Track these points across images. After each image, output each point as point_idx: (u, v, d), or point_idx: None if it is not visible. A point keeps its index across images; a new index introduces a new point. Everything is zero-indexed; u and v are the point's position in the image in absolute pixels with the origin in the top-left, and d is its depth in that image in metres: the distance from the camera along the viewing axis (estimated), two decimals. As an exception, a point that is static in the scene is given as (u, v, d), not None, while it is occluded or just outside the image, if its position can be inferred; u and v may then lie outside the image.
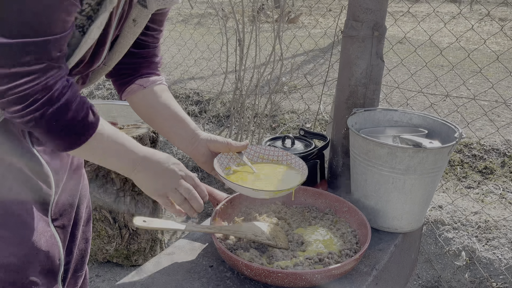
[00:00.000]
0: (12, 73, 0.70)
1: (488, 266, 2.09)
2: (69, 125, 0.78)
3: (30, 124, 0.76)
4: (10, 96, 0.72)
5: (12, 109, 0.74)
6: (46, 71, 0.74)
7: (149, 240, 2.27)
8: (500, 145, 3.00)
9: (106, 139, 0.84)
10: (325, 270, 0.93)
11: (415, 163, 1.09)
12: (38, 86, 0.73)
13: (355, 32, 1.29)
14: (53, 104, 0.76)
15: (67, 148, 0.81)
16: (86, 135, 0.80)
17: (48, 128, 0.77)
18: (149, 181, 0.91)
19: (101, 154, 0.86)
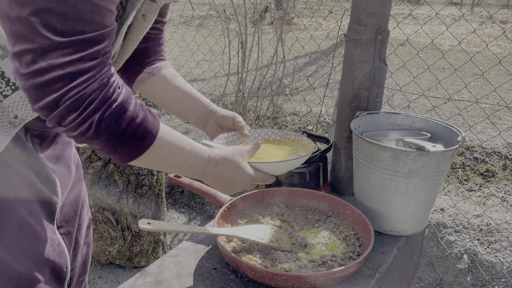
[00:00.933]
0: (67, 74, 0.63)
1: (490, 269, 2.09)
2: (130, 128, 0.70)
3: (89, 132, 0.67)
4: (66, 101, 0.64)
5: (68, 119, 0.66)
6: (101, 68, 0.67)
7: (152, 242, 2.28)
8: (502, 148, 3.00)
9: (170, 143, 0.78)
10: (329, 273, 0.93)
11: (418, 166, 1.10)
12: (94, 84, 0.66)
13: (358, 36, 1.29)
14: (110, 103, 0.68)
15: (131, 155, 0.73)
16: (150, 138, 0.73)
17: (108, 134, 0.69)
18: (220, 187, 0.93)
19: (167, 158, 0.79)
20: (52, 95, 0.64)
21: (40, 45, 0.61)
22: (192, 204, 2.95)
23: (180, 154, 0.81)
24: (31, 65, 0.62)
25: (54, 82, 0.63)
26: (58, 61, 0.62)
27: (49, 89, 0.64)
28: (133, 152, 0.73)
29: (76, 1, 0.61)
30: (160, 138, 0.75)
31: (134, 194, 2.14)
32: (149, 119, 0.74)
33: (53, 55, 0.62)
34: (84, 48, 0.64)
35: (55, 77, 0.63)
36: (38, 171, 0.83)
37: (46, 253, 0.84)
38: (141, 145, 0.73)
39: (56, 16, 0.60)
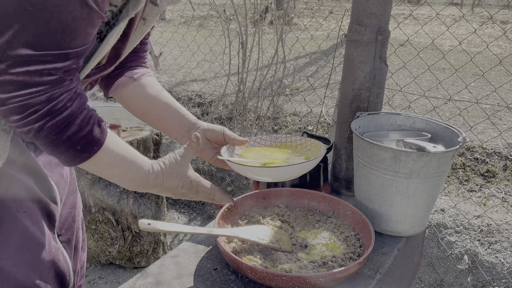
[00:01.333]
0: (19, 81, 0.66)
1: (490, 270, 2.09)
2: (71, 140, 0.73)
3: (29, 135, 0.71)
4: (11, 104, 0.67)
5: (11, 118, 0.70)
6: (56, 84, 0.69)
7: (152, 242, 2.28)
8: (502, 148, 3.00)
9: (111, 155, 0.79)
10: (329, 273, 0.93)
11: (418, 167, 1.10)
12: (43, 97, 0.69)
13: (359, 37, 1.29)
14: (54, 117, 0.70)
15: (69, 163, 0.76)
16: (89, 151, 0.75)
17: (47, 141, 0.72)
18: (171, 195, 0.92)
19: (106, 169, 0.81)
20: (1, 95, 0.67)
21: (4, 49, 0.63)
22: (192, 205, 2.95)
23: (120, 166, 0.81)
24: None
25: (6, 84, 0.66)
26: (15, 70, 0.65)
27: (1, 89, 0.67)
28: (71, 161, 0.75)
29: (49, 19, 0.63)
30: (102, 151, 0.77)
31: (134, 194, 2.14)
32: (94, 133, 0.75)
33: (13, 61, 0.64)
34: (43, 63, 0.66)
35: (8, 81, 0.65)
36: (37, 179, 0.82)
37: (51, 263, 0.83)
38: (79, 156, 0.75)
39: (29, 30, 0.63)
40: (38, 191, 0.82)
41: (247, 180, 2.96)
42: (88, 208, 2.11)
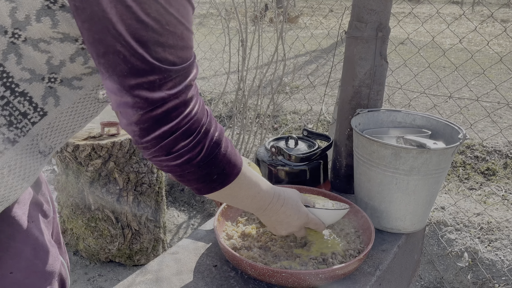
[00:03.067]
0: (182, 102, 0.64)
1: (490, 268, 2.09)
2: (226, 155, 0.72)
3: (196, 159, 0.68)
4: (182, 127, 0.65)
5: (180, 145, 0.66)
6: (197, 92, 0.68)
7: (152, 240, 2.28)
8: (503, 146, 3.00)
9: (249, 174, 0.80)
10: (329, 270, 0.93)
11: (419, 164, 1.10)
12: (203, 109, 0.68)
13: (359, 33, 1.29)
14: (215, 129, 0.70)
15: (221, 183, 0.74)
16: (239, 164, 0.76)
17: (212, 159, 0.70)
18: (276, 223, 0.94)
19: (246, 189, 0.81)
20: (169, 124, 0.64)
21: (159, 77, 0.62)
22: (192, 202, 2.95)
23: (256, 186, 0.83)
24: (149, 97, 0.62)
25: (171, 112, 0.64)
26: (173, 91, 0.63)
27: (167, 119, 0.64)
28: (224, 180, 0.75)
29: (182, 31, 0.63)
30: (244, 167, 0.78)
31: (134, 192, 2.14)
32: (235, 150, 0.77)
33: (169, 85, 0.63)
34: (187, 74, 0.65)
35: (172, 107, 0.64)
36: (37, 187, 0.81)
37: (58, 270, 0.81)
38: (232, 172, 0.75)
39: (168, 48, 0.62)
40: (41, 199, 0.80)
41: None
42: (87, 206, 2.11)
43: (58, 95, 0.69)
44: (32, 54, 0.64)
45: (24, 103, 0.66)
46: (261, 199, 0.86)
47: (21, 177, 0.69)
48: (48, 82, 0.67)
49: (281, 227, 0.94)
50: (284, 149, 1.33)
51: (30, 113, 0.67)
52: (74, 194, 2.11)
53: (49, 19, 0.62)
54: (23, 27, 0.62)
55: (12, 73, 0.64)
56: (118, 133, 2.09)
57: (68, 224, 2.25)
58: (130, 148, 2.07)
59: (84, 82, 0.71)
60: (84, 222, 2.16)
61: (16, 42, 0.63)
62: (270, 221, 0.92)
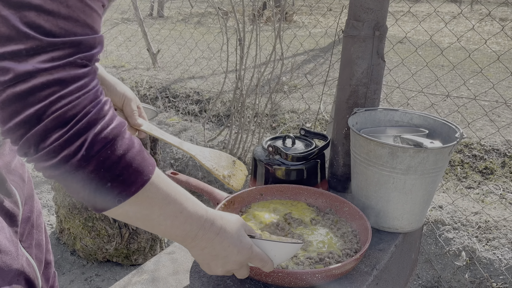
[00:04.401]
0: (57, 80, 0.52)
1: (488, 266, 2.09)
2: (126, 157, 0.57)
3: (76, 157, 0.53)
4: (54, 113, 0.52)
5: (52, 138, 0.53)
6: (92, 77, 0.56)
7: (149, 239, 2.27)
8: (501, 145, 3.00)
9: (165, 186, 0.63)
10: (326, 269, 0.93)
11: (415, 163, 1.09)
12: (90, 95, 0.55)
13: (356, 32, 1.28)
14: (108, 121, 0.56)
15: (120, 194, 0.58)
16: (146, 172, 0.59)
17: (102, 159, 0.55)
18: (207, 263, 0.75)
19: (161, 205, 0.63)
20: (35, 106, 0.52)
21: (26, 46, 0.51)
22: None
23: (177, 203, 0.65)
24: (12, 69, 0.51)
25: (39, 90, 0.52)
26: (45, 65, 0.52)
27: (32, 99, 0.51)
28: (124, 191, 0.58)
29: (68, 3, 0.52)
30: (156, 177, 0.62)
31: (132, 191, 2.13)
32: (145, 151, 0.61)
33: (41, 57, 0.52)
34: (75, 51, 0.54)
35: (42, 83, 0.52)
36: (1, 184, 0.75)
37: (19, 270, 0.77)
38: (136, 180, 0.58)
39: (44, 14, 0.51)
40: (1, 195, 0.73)
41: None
42: (84, 206, 2.11)
43: None
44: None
45: None
46: (185, 221, 0.66)
47: None
48: None
49: (216, 263, 0.74)
50: (281, 148, 1.32)
51: None
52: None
53: None
54: None
55: None
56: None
57: (65, 224, 2.24)
58: (127, 147, 2.06)
59: None
60: (81, 221, 2.16)
61: None
62: (202, 254, 0.72)
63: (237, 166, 1.12)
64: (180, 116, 3.90)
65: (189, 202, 0.67)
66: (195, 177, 3.03)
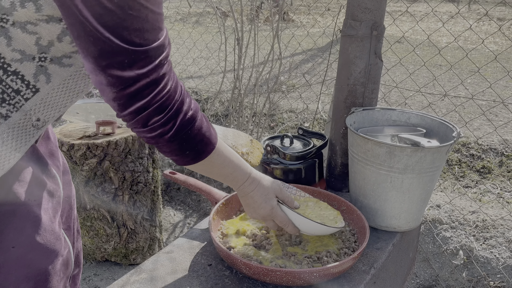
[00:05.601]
0: (153, 80, 0.70)
1: (485, 265, 2.09)
2: (200, 132, 0.79)
3: (168, 134, 0.75)
4: (154, 104, 0.71)
5: (153, 120, 0.73)
6: (171, 71, 0.74)
7: (148, 239, 2.27)
8: (498, 144, 3.01)
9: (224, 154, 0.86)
10: (324, 268, 0.93)
11: (413, 162, 1.10)
12: (175, 87, 0.74)
13: (353, 32, 1.29)
14: (188, 108, 0.76)
15: (194, 159, 0.81)
16: (213, 143, 0.82)
17: (184, 136, 0.77)
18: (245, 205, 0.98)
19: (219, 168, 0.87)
20: (142, 100, 0.71)
21: (127, 58, 0.67)
22: (189, 201, 2.95)
23: (230, 166, 0.89)
24: (121, 76, 0.68)
25: (143, 89, 0.70)
26: (143, 71, 0.69)
27: (140, 96, 0.70)
28: (197, 157, 0.81)
29: (147, 14, 0.67)
30: (218, 148, 0.84)
31: (130, 191, 2.13)
32: (211, 128, 0.83)
33: (138, 64, 0.68)
34: (159, 54, 0.70)
35: (143, 85, 0.70)
36: (43, 168, 0.84)
37: (59, 250, 0.85)
38: (205, 150, 0.81)
39: (134, 31, 0.67)
40: (45, 179, 0.84)
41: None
42: (83, 205, 2.11)
43: (49, 72, 0.74)
44: (21, 36, 0.70)
45: (17, 81, 0.72)
46: (234, 179, 0.92)
47: (13, 148, 0.75)
48: (38, 61, 0.72)
49: (248, 209, 0.99)
50: (279, 147, 1.33)
51: (23, 90, 0.73)
52: (69, 193, 2.10)
53: (32, 4, 0.67)
54: (10, 13, 0.67)
55: (3, 54, 0.70)
56: (113, 132, 2.08)
57: (63, 224, 2.24)
58: (125, 147, 2.06)
59: (73, 60, 0.75)
60: (80, 221, 2.16)
61: (5, 26, 0.68)
62: (241, 199, 0.98)
63: (254, 144, 1.19)
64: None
65: (240, 165, 0.92)
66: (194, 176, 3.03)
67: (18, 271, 0.78)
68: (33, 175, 0.80)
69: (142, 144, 2.13)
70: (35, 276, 0.80)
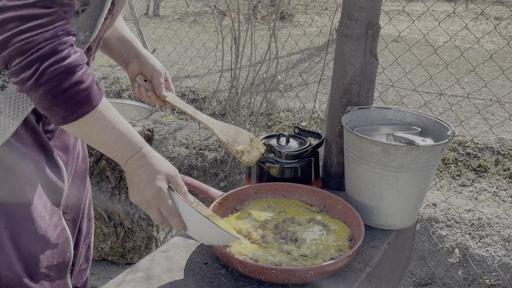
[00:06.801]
0: (19, 16, 0.65)
1: (481, 263, 2.11)
2: (71, 90, 0.70)
3: (28, 82, 0.68)
4: (15, 43, 0.66)
5: (14, 62, 0.68)
6: (55, 18, 0.69)
7: (145, 238, 2.27)
8: (494, 143, 3.02)
9: (106, 119, 0.77)
10: (319, 266, 0.94)
11: (408, 160, 1.10)
12: (46, 34, 0.68)
13: (349, 31, 1.29)
14: (58, 60, 0.69)
15: (64, 118, 0.73)
16: (88, 106, 0.73)
17: (47, 89, 0.69)
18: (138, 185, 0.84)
19: (98, 134, 0.77)
20: (3, 34, 0.66)
21: None
22: (186, 201, 2.94)
23: (113, 134, 0.79)
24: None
25: (6, 22, 0.66)
26: (11, 3, 0.65)
27: (2, 29, 0.66)
28: (67, 116, 0.73)
29: None
30: (98, 111, 0.75)
31: (127, 190, 2.13)
32: (93, 89, 0.74)
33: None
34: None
35: (8, 18, 0.65)
36: (47, 157, 0.85)
37: (53, 237, 0.86)
38: (77, 110, 0.72)
39: None
40: (47, 168, 0.85)
41: (240, 176, 2.96)
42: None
43: None
44: None
45: None
46: (117, 150, 0.81)
47: (11, 116, 0.77)
48: None
49: (132, 190, 0.85)
50: (275, 146, 1.33)
51: None
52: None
53: None
54: None
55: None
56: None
57: (60, 223, 2.24)
58: (122, 146, 2.06)
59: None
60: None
61: None
62: (127, 178, 0.85)
63: (254, 143, 1.18)
64: (176, 115, 3.90)
65: (128, 137, 0.81)
66: (190, 175, 3.03)
67: (9, 252, 0.80)
68: (33, 162, 0.82)
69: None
70: (25, 259, 0.82)
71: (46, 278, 0.86)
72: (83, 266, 1.08)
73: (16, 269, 0.81)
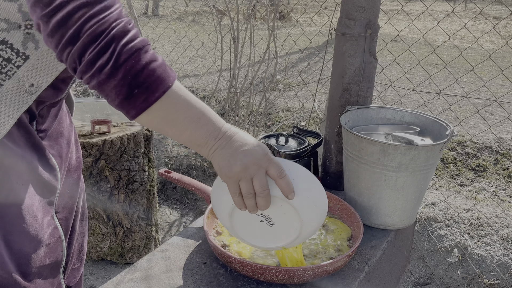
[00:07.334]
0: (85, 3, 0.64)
1: (480, 263, 2.11)
2: (148, 67, 0.67)
3: (107, 67, 0.65)
4: (88, 30, 0.64)
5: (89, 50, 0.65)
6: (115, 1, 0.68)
7: (144, 238, 2.27)
8: (493, 143, 3.02)
9: (185, 91, 0.72)
10: (317, 266, 0.94)
11: (407, 160, 1.10)
12: (114, 14, 0.66)
13: (348, 30, 1.29)
14: (132, 37, 0.66)
15: (146, 101, 0.67)
16: (167, 80, 0.68)
17: (128, 68, 0.65)
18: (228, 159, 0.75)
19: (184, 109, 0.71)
20: (73, 26, 0.64)
21: None
22: (185, 200, 2.95)
23: (197, 107, 0.72)
24: (49, 4, 0.64)
25: (73, 13, 0.64)
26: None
27: (70, 22, 0.64)
28: (150, 96, 0.67)
29: None
30: (177, 85, 0.71)
31: (125, 190, 2.13)
32: (167, 65, 0.70)
33: None
34: None
35: (74, 8, 0.64)
36: (40, 156, 0.85)
37: (45, 237, 0.86)
38: (158, 88, 0.67)
39: None
40: (39, 167, 0.85)
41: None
42: (79, 204, 2.10)
43: (37, 39, 0.75)
44: (3, 4, 0.72)
45: (6, 50, 0.74)
46: (208, 122, 0.73)
47: (7, 114, 0.77)
48: (25, 29, 0.74)
49: (236, 156, 0.74)
50: (274, 146, 1.33)
51: (13, 58, 0.75)
52: (65, 192, 2.09)
53: None
54: None
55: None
56: (108, 131, 2.08)
57: (59, 223, 2.24)
58: (121, 146, 2.06)
59: None
60: (75, 220, 2.15)
61: None
62: (225, 148, 0.75)
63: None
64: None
65: (208, 108, 0.75)
66: (190, 175, 3.03)
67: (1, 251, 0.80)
68: (24, 161, 0.82)
69: (138, 143, 2.13)
70: (17, 258, 0.82)
71: (38, 277, 0.86)
72: (76, 265, 1.08)
73: (8, 268, 0.81)
